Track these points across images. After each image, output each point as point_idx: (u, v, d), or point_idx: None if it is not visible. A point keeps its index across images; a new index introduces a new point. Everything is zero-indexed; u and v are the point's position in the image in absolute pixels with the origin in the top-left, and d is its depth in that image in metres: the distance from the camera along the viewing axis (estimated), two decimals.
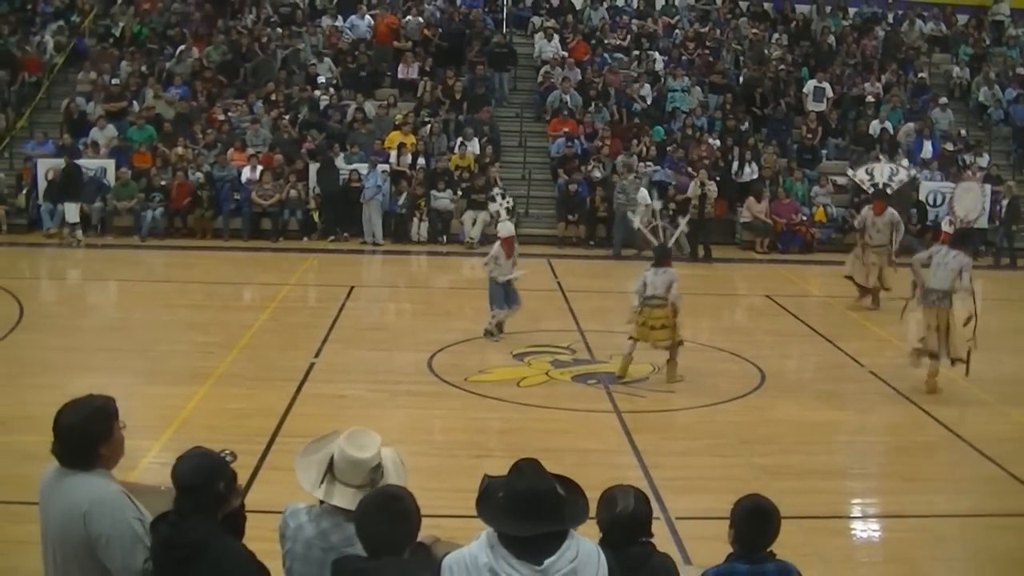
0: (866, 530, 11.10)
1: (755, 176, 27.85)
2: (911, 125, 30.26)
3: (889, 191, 22.62)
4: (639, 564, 5.37)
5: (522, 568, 4.78)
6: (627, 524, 5.51)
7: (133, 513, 5.32)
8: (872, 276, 20.45)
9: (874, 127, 29.91)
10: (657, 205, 19.11)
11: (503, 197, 21.74)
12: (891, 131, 29.86)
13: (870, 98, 31.32)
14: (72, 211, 25.46)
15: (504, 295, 17.25)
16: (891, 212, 20.80)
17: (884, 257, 20.42)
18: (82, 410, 5.39)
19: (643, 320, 15.03)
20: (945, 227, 22.84)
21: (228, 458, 5.35)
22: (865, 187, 24.05)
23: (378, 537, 4.73)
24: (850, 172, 26.18)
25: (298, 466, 5.67)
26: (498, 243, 17.36)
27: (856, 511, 11.53)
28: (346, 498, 5.42)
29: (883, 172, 23.39)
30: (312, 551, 5.42)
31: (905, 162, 25.94)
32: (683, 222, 18.40)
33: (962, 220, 19.63)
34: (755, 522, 5.73)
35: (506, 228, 17.64)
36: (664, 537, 5.81)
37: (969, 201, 19.65)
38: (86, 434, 5.33)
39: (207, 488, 5.19)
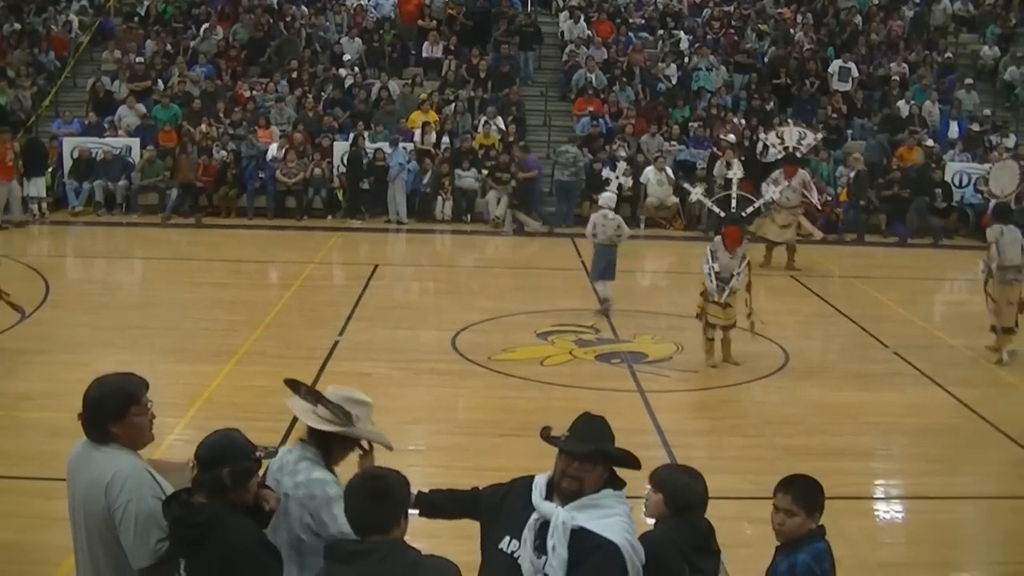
0: (889, 511, 11.06)
1: (780, 156, 27.71)
2: (928, 103, 30.11)
3: (799, 154, 23.20)
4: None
5: None
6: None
7: (153, 491, 5.34)
8: (786, 234, 21.62)
9: (903, 107, 29.76)
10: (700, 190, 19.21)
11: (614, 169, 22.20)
12: (918, 111, 29.74)
13: (896, 78, 31.12)
14: (38, 186, 25.85)
15: (611, 266, 17.49)
16: (802, 173, 22.28)
17: (798, 216, 21.86)
18: (104, 386, 5.46)
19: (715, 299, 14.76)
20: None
21: (260, 453, 5.31)
22: (777, 150, 24.42)
23: (357, 513, 4.76)
24: (762, 136, 26.59)
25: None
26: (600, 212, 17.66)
27: (879, 492, 11.48)
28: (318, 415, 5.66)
29: (792, 136, 23.80)
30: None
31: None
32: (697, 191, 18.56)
33: (998, 196, 19.91)
34: (822, 498, 5.84)
35: (606, 198, 17.93)
36: None
37: (1005, 178, 19.99)
38: (98, 410, 5.40)
39: (212, 467, 5.18)
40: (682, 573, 5.40)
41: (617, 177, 19.10)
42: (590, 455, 5.13)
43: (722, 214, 15.61)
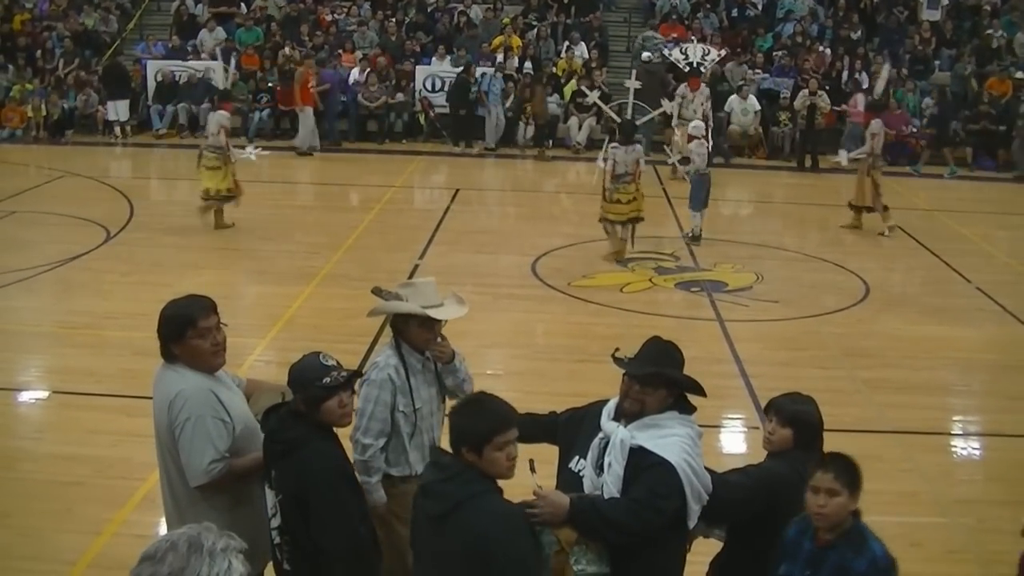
0: (966, 447, 10.92)
1: (865, 86, 27.32)
2: (1020, 34, 29.38)
3: (703, 69, 24.20)
4: None
5: None
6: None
7: (214, 412, 5.49)
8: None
9: (993, 38, 29.08)
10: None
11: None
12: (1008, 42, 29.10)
13: (987, 8, 30.42)
14: (120, 108, 26.19)
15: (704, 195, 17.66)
16: (704, 88, 23.42)
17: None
18: (169, 308, 5.64)
19: (616, 198, 16.11)
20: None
21: (328, 380, 5.34)
22: (680, 65, 25.08)
23: (452, 428, 4.81)
24: (665, 51, 26.75)
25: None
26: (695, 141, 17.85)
27: (957, 428, 11.36)
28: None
29: (696, 52, 24.58)
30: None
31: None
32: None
33: (877, 95, 22.61)
34: (860, 476, 5.19)
35: (696, 126, 18.51)
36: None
37: (882, 80, 22.83)
38: (161, 331, 5.58)
39: (294, 393, 5.40)
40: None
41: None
42: (650, 378, 5.16)
43: (618, 120, 16.20)
